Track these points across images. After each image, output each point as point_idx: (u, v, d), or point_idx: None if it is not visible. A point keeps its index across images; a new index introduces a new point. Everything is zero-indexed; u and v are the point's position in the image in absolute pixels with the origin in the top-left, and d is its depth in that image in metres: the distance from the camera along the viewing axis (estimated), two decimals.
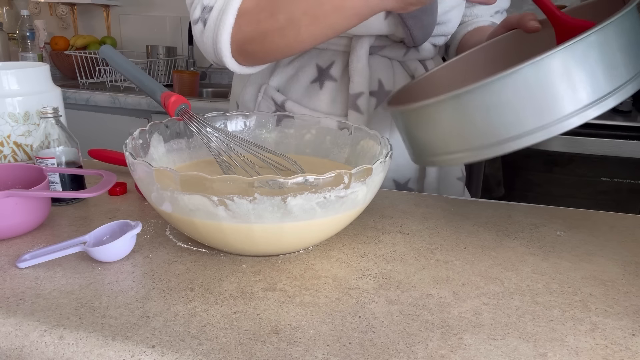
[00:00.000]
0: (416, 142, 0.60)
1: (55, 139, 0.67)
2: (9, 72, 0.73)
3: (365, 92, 0.77)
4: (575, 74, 0.48)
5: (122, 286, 0.48)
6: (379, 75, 0.79)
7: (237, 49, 0.67)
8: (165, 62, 2.17)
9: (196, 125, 0.62)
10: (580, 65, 0.48)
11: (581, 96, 0.49)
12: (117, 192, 0.71)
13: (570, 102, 0.49)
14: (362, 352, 0.40)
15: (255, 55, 0.68)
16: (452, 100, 0.51)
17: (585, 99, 0.49)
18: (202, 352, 0.39)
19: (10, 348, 0.42)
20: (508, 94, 0.49)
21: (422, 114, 0.56)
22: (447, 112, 0.53)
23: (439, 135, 0.55)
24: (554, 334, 0.43)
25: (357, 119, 0.77)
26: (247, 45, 0.66)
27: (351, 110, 0.78)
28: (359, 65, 0.77)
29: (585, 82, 0.49)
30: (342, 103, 0.80)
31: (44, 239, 0.58)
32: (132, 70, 0.67)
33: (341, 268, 0.53)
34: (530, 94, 0.49)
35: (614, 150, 1.38)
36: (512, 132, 0.50)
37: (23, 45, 2.29)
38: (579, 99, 0.49)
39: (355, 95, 0.77)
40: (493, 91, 0.49)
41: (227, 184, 0.46)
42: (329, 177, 0.47)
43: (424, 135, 0.57)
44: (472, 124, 0.52)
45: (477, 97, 0.50)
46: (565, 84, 0.48)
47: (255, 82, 0.85)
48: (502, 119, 0.50)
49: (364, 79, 0.77)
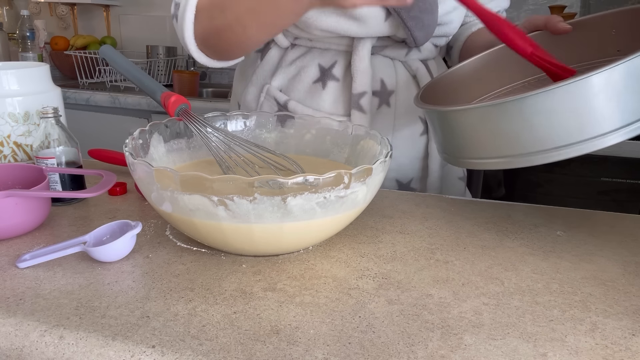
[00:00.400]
0: (455, 142, 0.59)
1: (55, 139, 0.67)
2: (9, 72, 0.73)
3: (368, 91, 0.77)
4: (624, 91, 0.48)
5: (122, 286, 0.48)
6: (381, 74, 0.79)
7: (200, 44, 0.72)
8: (165, 62, 2.17)
9: (196, 125, 0.62)
10: (632, 83, 0.48)
11: (625, 115, 0.49)
12: (117, 192, 0.71)
13: (611, 120, 0.49)
14: (362, 352, 0.40)
15: (216, 49, 0.72)
16: (511, 104, 0.51)
17: (628, 118, 0.49)
18: (202, 352, 0.39)
19: (10, 348, 0.42)
20: (564, 102, 0.48)
21: (468, 115, 0.56)
22: (499, 116, 0.52)
23: (481, 139, 0.55)
24: (554, 334, 0.43)
25: (361, 118, 0.78)
26: (206, 40, 0.70)
27: (354, 110, 0.78)
28: (361, 65, 0.77)
29: (630, 101, 0.48)
30: (345, 103, 0.80)
31: (44, 239, 0.58)
32: (132, 70, 0.67)
33: (341, 268, 0.53)
34: (581, 106, 0.48)
35: (614, 150, 1.38)
36: (556, 143, 0.50)
37: (23, 45, 2.29)
38: (623, 117, 0.49)
39: (358, 95, 0.77)
40: (552, 98, 0.49)
41: (227, 184, 0.46)
42: (329, 177, 0.47)
43: (464, 137, 0.57)
44: (521, 131, 0.51)
45: (538, 102, 0.50)
46: (613, 100, 0.48)
47: (257, 83, 0.85)
48: (550, 129, 0.50)
49: (366, 79, 0.77)
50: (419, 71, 0.81)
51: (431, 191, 0.84)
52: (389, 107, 0.80)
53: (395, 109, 0.81)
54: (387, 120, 0.81)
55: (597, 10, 1.88)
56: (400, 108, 0.81)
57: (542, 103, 0.49)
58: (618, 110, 0.48)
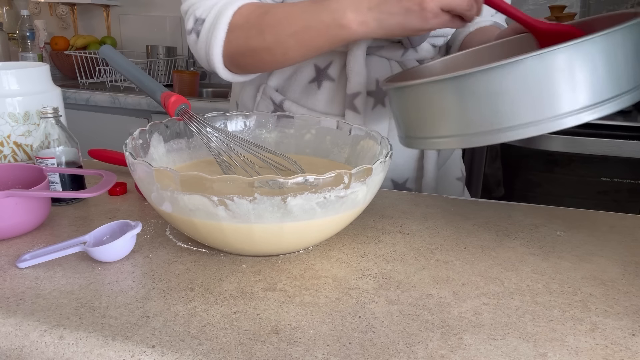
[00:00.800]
0: (408, 121, 0.59)
1: (55, 139, 0.67)
2: (9, 72, 0.73)
3: (362, 92, 0.78)
4: (578, 73, 0.48)
5: (122, 286, 0.48)
6: (377, 75, 0.79)
7: (229, 61, 0.71)
8: (165, 62, 2.16)
9: (196, 125, 0.62)
10: (584, 65, 0.48)
11: (580, 97, 0.49)
12: (117, 192, 0.71)
13: (568, 102, 0.49)
14: (362, 352, 0.40)
15: (246, 67, 0.72)
16: (451, 81, 0.51)
17: (583, 100, 0.49)
18: (202, 352, 0.39)
19: (10, 348, 0.42)
20: (508, 82, 0.49)
21: (419, 92, 0.55)
22: (445, 93, 0.52)
23: (432, 116, 0.55)
24: (554, 334, 0.43)
25: (354, 118, 0.78)
26: (238, 58, 0.70)
27: (348, 110, 0.78)
28: (356, 66, 0.77)
29: (586, 84, 0.48)
30: (340, 103, 0.80)
31: (44, 239, 0.58)
32: (132, 70, 0.67)
33: (341, 268, 0.53)
34: (530, 86, 0.49)
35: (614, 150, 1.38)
36: (506, 123, 0.50)
37: (23, 45, 2.29)
38: (578, 99, 0.49)
39: (352, 95, 0.78)
40: (494, 78, 0.49)
41: (227, 184, 0.46)
42: (329, 177, 0.47)
43: (416, 115, 0.57)
44: (467, 109, 0.51)
45: (477, 81, 0.50)
46: (567, 82, 0.48)
47: (254, 82, 0.86)
48: (498, 108, 0.50)
49: (361, 79, 0.77)
50: None
51: (427, 191, 0.84)
52: (384, 107, 0.81)
53: (391, 108, 0.81)
54: (383, 120, 0.81)
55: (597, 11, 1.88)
56: None
57: (483, 82, 0.49)
58: (573, 92, 0.48)
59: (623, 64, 0.49)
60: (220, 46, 0.69)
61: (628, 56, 0.49)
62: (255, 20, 0.66)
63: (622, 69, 0.49)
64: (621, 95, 0.49)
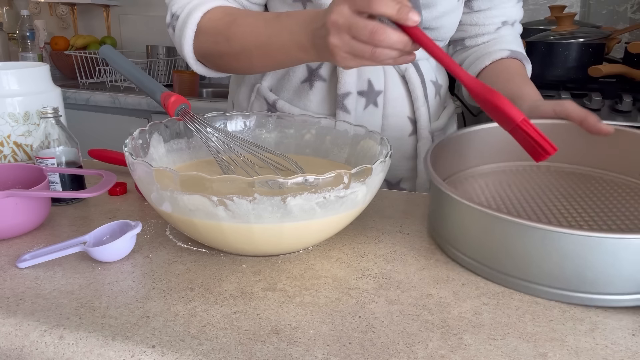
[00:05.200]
0: (449, 226, 0.54)
1: (55, 139, 0.67)
2: (9, 72, 0.73)
3: (352, 92, 0.78)
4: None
5: (122, 286, 0.48)
6: (369, 75, 0.79)
7: (200, 58, 0.74)
8: (165, 62, 2.16)
9: (196, 125, 0.62)
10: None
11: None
12: (117, 192, 0.71)
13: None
14: (362, 352, 0.40)
15: (217, 67, 0.74)
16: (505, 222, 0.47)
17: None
18: (202, 352, 0.39)
19: (10, 348, 0.42)
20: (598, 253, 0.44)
21: (467, 212, 0.51)
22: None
23: (480, 239, 0.50)
24: (554, 334, 0.43)
25: (345, 118, 0.78)
26: (208, 58, 0.73)
27: (339, 109, 0.79)
28: None
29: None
30: (331, 103, 0.81)
31: (44, 239, 0.58)
32: (132, 70, 0.67)
33: (341, 268, 0.53)
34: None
35: None
36: (546, 281, 0.47)
37: (23, 45, 2.29)
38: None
39: (342, 95, 0.78)
40: (559, 239, 0.45)
41: (226, 184, 0.46)
42: (329, 177, 0.47)
43: (465, 231, 0.52)
44: (518, 252, 0.47)
45: (539, 237, 0.46)
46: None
47: (249, 82, 0.87)
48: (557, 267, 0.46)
49: (352, 79, 0.78)
50: (408, 71, 0.80)
51: (421, 192, 0.84)
52: (377, 107, 0.81)
53: (384, 109, 0.81)
54: (375, 120, 0.81)
55: (597, 11, 1.87)
56: (389, 108, 0.81)
57: (549, 240, 0.45)
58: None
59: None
60: (190, 44, 0.71)
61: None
62: (223, 27, 0.68)
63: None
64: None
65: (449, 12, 0.79)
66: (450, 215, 0.54)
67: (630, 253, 0.44)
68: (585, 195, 0.61)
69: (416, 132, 0.83)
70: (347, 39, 0.53)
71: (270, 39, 0.64)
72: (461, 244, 0.53)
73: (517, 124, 0.52)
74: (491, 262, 0.50)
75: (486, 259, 0.50)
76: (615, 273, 0.44)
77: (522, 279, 0.48)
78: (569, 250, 0.45)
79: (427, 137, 0.83)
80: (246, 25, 0.67)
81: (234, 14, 0.69)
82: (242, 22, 0.67)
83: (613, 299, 0.46)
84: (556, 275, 0.46)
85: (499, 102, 0.52)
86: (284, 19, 0.63)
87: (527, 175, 0.67)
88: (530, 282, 0.48)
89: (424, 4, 0.76)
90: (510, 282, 0.49)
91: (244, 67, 0.71)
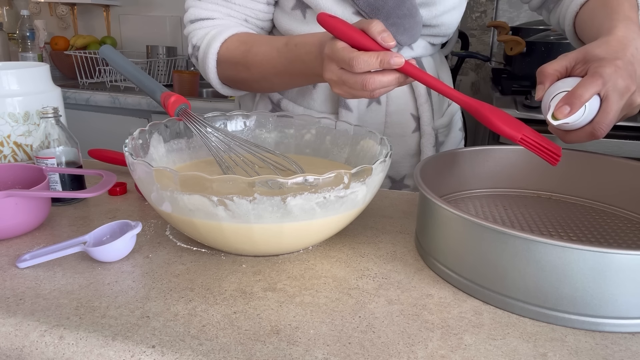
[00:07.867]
0: (437, 239, 0.52)
1: (55, 139, 0.67)
2: (9, 72, 0.73)
3: None
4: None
5: (122, 286, 0.48)
6: None
7: (225, 82, 0.78)
8: (165, 62, 2.16)
9: (196, 125, 0.62)
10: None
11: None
12: (117, 192, 0.71)
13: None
14: (362, 352, 0.40)
15: (241, 88, 0.80)
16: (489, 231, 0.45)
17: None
18: (202, 352, 0.39)
19: (10, 348, 0.42)
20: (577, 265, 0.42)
21: (453, 219, 0.49)
22: (498, 246, 0.45)
23: (464, 254, 0.48)
24: (554, 334, 0.43)
25: (347, 116, 0.79)
26: (231, 83, 0.78)
27: (341, 108, 0.79)
28: None
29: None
30: (334, 101, 0.81)
31: (44, 239, 0.58)
32: (132, 70, 0.67)
33: (341, 268, 0.53)
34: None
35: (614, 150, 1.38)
36: (534, 300, 0.44)
37: (23, 45, 2.29)
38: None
39: None
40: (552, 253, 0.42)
41: (226, 184, 0.46)
42: (329, 177, 0.47)
43: (451, 243, 0.50)
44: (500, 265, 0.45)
45: (527, 248, 0.43)
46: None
47: None
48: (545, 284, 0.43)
49: None
50: None
51: None
52: (380, 105, 0.81)
53: (387, 106, 0.81)
54: (378, 117, 0.81)
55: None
56: (392, 105, 0.81)
57: (542, 253, 0.42)
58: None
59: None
60: (214, 72, 0.76)
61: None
62: (240, 56, 0.72)
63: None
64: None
65: (450, 10, 0.79)
66: (432, 222, 0.52)
67: (613, 270, 0.41)
68: (583, 225, 0.59)
69: (419, 129, 0.83)
70: (346, 88, 0.57)
71: (286, 67, 0.68)
72: (441, 254, 0.51)
73: (518, 142, 0.54)
74: (469, 274, 0.48)
75: (465, 270, 0.48)
76: (596, 291, 0.41)
77: (498, 293, 0.46)
78: (547, 262, 0.42)
79: (431, 134, 0.83)
80: (261, 55, 0.70)
81: (248, 42, 0.72)
82: (257, 51, 0.70)
83: (591, 322, 0.43)
84: (531, 290, 0.43)
85: (497, 122, 0.54)
86: (294, 50, 0.66)
87: (527, 202, 0.66)
88: (506, 297, 0.45)
89: (425, 3, 0.76)
90: (487, 295, 0.46)
91: (266, 88, 0.78)
